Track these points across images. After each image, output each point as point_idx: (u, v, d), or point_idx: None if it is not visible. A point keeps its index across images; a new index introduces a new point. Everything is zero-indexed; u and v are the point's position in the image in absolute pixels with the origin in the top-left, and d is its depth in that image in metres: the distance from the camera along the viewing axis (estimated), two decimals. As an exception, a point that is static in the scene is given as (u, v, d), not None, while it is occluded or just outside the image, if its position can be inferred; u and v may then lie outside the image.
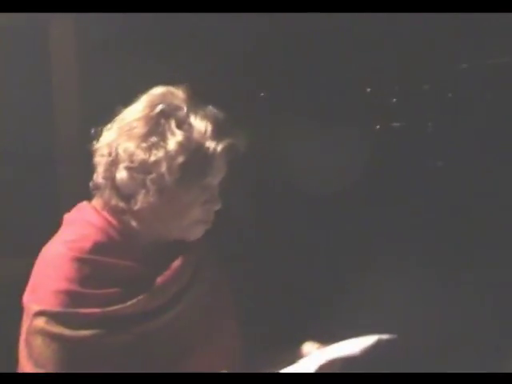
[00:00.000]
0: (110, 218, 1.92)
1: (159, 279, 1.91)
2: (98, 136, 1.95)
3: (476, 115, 3.24)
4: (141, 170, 1.86)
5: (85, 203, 1.98)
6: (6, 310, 2.33)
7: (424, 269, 2.99)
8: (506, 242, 3.11)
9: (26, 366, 1.85)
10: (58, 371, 1.80)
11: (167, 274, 1.92)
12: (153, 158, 1.85)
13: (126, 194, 1.89)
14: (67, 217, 1.98)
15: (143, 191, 1.87)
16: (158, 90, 1.94)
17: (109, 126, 1.94)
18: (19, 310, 1.96)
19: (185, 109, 1.89)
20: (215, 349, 1.95)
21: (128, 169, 1.87)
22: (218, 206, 1.95)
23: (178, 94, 1.93)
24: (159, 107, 1.88)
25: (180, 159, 1.85)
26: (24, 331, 1.88)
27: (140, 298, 1.87)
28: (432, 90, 3.31)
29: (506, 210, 3.16)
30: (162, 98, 1.91)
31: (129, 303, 1.85)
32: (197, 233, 1.96)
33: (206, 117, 1.90)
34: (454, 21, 3.06)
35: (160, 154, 1.85)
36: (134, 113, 1.91)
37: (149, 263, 1.92)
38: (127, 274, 1.89)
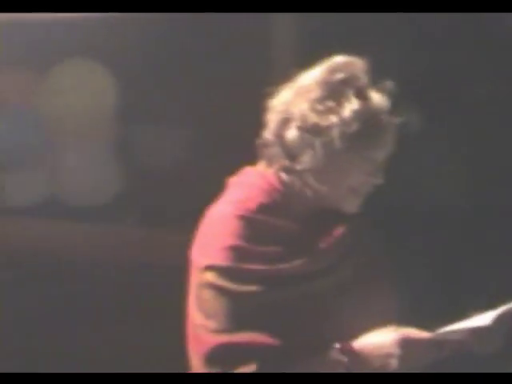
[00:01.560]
0: (274, 180, 1.99)
1: (321, 244, 1.97)
2: (273, 94, 2.01)
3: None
4: (312, 131, 1.92)
5: (249, 167, 2.06)
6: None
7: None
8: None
9: (196, 317, 1.93)
10: (227, 323, 1.88)
11: (329, 239, 1.98)
12: (326, 122, 1.91)
13: (292, 153, 1.95)
14: (232, 180, 2.06)
15: (311, 153, 1.93)
16: (339, 58, 1.99)
17: (286, 86, 2.00)
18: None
19: (364, 80, 1.96)
20: (367, 317, 1.96)
21: (300, 128, 1.92)
22: (378, 181, 1.99)
23: (359, 64, 1.98)
24: (340, 74, 1.94)
25: (353, 127, 1.90)
26: (193, 285, 1.97)
27: (305, 259, 1.93)
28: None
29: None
30: (343, 67, 1.96)
31: (294, 263, 1.92)
32: (353, 204, 2.00)
33: (384, 91, 1.96)
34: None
35: (334, 119, 1.91)
36: (314, 76, 1.96)
37: (309, 227, 1.98)
38: (289, 235, 1.96)
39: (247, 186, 2.01)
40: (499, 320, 1.89)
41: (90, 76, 3.26)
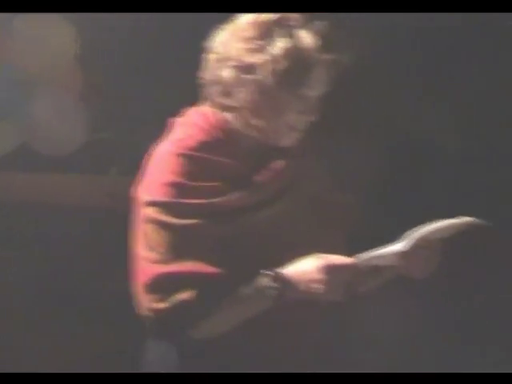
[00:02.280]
0: (213, 118, 2.06)
1: (259, 177, 2.04)
2: (212, 36, 2.06)
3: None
4: (245, 69, 1.98)
5: (193, 108, 2.12)
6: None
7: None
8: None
9: (140, 250, 2.00)
10: (167, 254, 1.95)
11: (266, 173, 2.05)
12: (258, 60, 1.97)
13: (229, 91, 2.01)
14: (175, 120, 2.12)
15: (245, 90, 1.99)
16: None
17: (223, 27, 2.06)
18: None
19: (298, 21, 2.00)
20: (318, 246, 2.00)
21: (234, 67, 1.99)
22: (312, 118, 2.04)
23: (296, 15, 2.03)
24: (273, 15, 2.01)
25: (283, 64, 1.96)
26: (137, 220, 2.03)
27: (242, 193, 2.00)
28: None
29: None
30: (279, 14, 2.03)
31: (232, 196, 1.99)
32: (290, 139, 2.06)
33: (315, 30, 2.00)
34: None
35: (265, 56, 1.97)
36: (248, 17, 2.03)
37: (250, 163, 2.05)
38: (228, 170, 2.03)
39: (189, 126, 2.08)
40: (417, 244, 1.92)
41: (57, 27, 3.23)
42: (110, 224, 2.05)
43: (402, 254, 1.93)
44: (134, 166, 2.10)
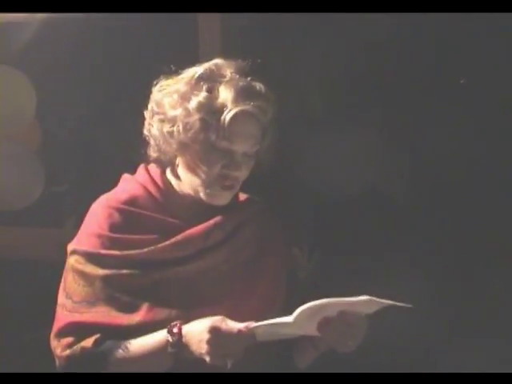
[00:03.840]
0: (152, 173, 2.10)
1: (182, 234, 2.03)
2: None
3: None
4: (168, 123, 2.01)
5: (142, 164, 2.15)
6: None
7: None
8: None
9: (60, 297, 2.06)
10: (81, 304, 2.00)
11: (191, 231, 2.04)
12: (174, 113, 2.00)
13: (158, 145, 2.05)
14: (124, 175, 2.17)
15: (169, 144, 2.02)
16: (215, 61, 2.07)
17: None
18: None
19: (224, 77, 2.01)
20: (237, 308, 1.99)
21: (159, 120, 2.03)
22: (236, 173, 2.02)
23: (230, 65, 2.04)
24: (199, 71, 2.02)
25: (195, 117, 1.97)
26: (65, 269, 2.09)
27: (158, 246, 2.01)
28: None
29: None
30: (208, 65, 2.05)
31: (145, 249, 2.01)
32: (222, 198, 2.05)
33: (234, 85, 1.99)
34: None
35: (179, 110, 1.99)
36: (186, 73, 2.06)
37: (182, 219, 2.06)
38: (156, 225, 2.04)
39: (129, 180, 2.13)
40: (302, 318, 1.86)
41: (9, 79, 3.25)
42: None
43: (289, 325, 1.86)
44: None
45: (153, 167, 2.10)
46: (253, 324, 1.88)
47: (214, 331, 1.87)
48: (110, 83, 3.33)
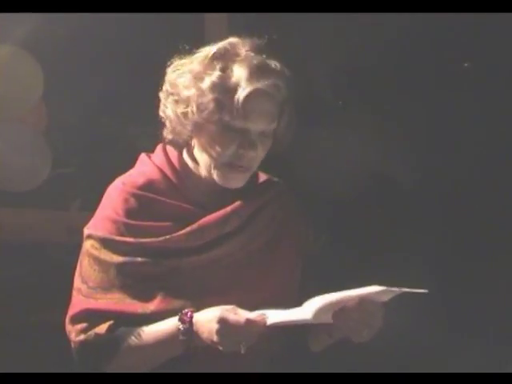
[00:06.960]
0: (169, 156, 2.07)
1: (198, 222, 2.01)
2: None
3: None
4: (183, 104, 1.99)
5: (159, 145, 2.11)
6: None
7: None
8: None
9: (76, 280, 2.05)
10: (97, 290, 1.99)
11: (207, 219, 2.01)
12: (188, 93, 1.98)
13: (174, 127, 2.02)
14: (141, 156, 2.14)
15: (183, 126, 2.00)
16: (230, 39, 2.04)
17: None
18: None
19: (238, 56, 1.99)
20: (253, 294, 1.99)
21: (175, 102, 2.00)
22: (252, 153, 1.98)
23: (245, 43, 2.02)
24: (213, 50, 2.00)
25: (209, 97, 1.95)
26: (81, 252, 2.08)
27: (174, 235, 1.99)
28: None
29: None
30: (221, 44, 2.02)
31: (160, 238, 1.99)
32: (236, 180, 2.02)
33: (248, 63, 1.97)
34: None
35: (193, 90, 1.97)
36: (198, 53, 2.03)
37: (198, 205, 2.04)
38: (173, 212, 2.02)
39: (145, 162, 2.10)
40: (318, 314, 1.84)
41: (16, 63, 3.21)
42: (70, 260, 2.09)
43: (305, 320, 1.84)
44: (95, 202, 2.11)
45: (171, 148, 2.08)
46: (265, 315, 1.87)
47: (222, 321, 1.86)
48: (119, 66, 3.33)
